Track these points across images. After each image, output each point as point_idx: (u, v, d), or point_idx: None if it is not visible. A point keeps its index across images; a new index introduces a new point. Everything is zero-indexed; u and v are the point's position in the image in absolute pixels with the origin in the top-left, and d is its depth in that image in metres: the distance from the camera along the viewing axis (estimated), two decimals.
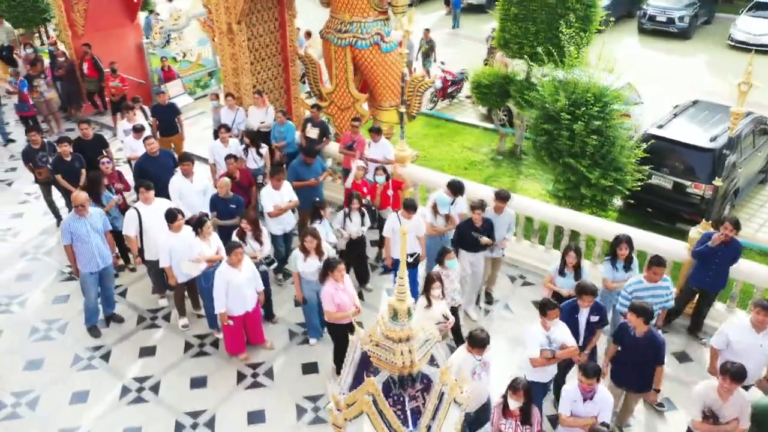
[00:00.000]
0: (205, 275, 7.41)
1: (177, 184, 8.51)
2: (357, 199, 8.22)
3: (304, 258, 7.16)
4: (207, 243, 7.39)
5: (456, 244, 7.81)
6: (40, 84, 12.82)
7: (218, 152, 9.65)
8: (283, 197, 8.44)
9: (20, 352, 7.64)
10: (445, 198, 8.18)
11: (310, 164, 9.18)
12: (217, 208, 8.26)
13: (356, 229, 8.27)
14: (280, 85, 12.24)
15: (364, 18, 10.58)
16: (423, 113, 15.90)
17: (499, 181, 12.56)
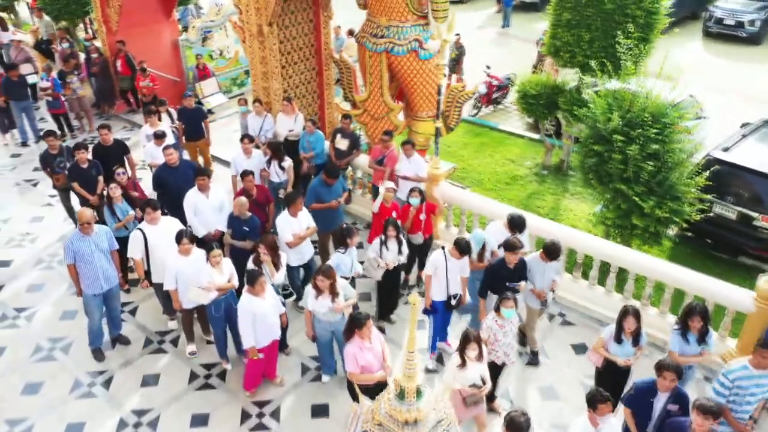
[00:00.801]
0: (215, 304, 6.89)
1: (192, 200, 8.01)
2: (393, 227, 7.48)
3: (316, 296, 6.51)
4: (218, 270, 6.85)
5: (484, 287, 7.01)
6: (73, 81, 12.58)
7: (240, 164, 9.12)
8: (301, 224, 7.78)
9: (20, 372, 7.29)
10: (480, 236, 7.34)
11: (331, 185, 8.49)
12: (233, 226, 7.74)
13: (393, 257, 7.56)
14: (313, 89, 11.63)
15: (401, 22, 9.84)
16: (465, 120, 15.10)
17: (542, 199, 11.68)
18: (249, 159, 9.10)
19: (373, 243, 7.67)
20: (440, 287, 7.03)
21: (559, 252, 6.95)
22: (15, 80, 12.02)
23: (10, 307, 8.30)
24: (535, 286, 7.07)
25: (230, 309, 6.97)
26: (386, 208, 8.20)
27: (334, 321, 6.67)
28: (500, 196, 11.81)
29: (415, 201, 8.05)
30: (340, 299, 6.56)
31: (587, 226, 10.65)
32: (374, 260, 7.52)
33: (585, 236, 8.32)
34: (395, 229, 7.51)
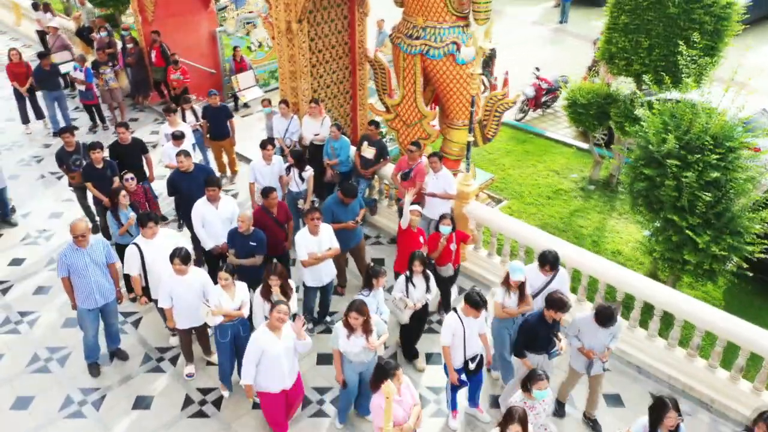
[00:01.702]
0: (221, 329, 6.34)
1: (200, 210, 7.53)
2: (420, 261, 6.71)
3: (348, 335, 5.83)
4: (229, 293, 6.29)
5: (520, 346, 6.14)
6: (106, 72, 12.33)
7: (260, 171, 8.59)
8: (321, 244, 7.14)
9: (13, 384, 7.00)
10: (520, 268, 6.44)
11: (348, 204, 7.84)
12: (235, 244, 7.19)
13: (421, 295, 6.82)
14: (345, 90, 11.01)
15: (439, 23, 9.09)
16: (510, 124, 14.22)
17: (586, 218, 10.75)
18: (269, 166, 8.56)
19: (398, 281, 6.88)
20: (457, 353, 6.12)
21: (614, 318, 5.93)
22: (46, 69, 11.86)
23: (14, 310, 8.06)
24: (583, 345, 6.14)
25: (238, 337, 6.45)
26: (412, 233, 7.45)
27: (367, 361, 6.02)
28: (540, 211, 10.96)
29: (445, 230, 7.22)
30: (373, 337, 5.91)
31: (633, 253, 9.71)
32: (400, 301, 6.74)
33: (626, 274, 7.40)
34: (422, 264, 6.72)
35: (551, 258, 6.55)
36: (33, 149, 12.01)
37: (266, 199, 7.50)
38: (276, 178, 8.64)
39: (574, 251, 7.74)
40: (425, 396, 6.92)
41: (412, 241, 7.37)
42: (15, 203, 10.16)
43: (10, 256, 9.09)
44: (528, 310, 6.47)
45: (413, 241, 7.38)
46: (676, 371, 7.08)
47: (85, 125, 12.90)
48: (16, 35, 18.75)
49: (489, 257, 8.71)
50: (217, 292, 6.23)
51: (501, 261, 8.58)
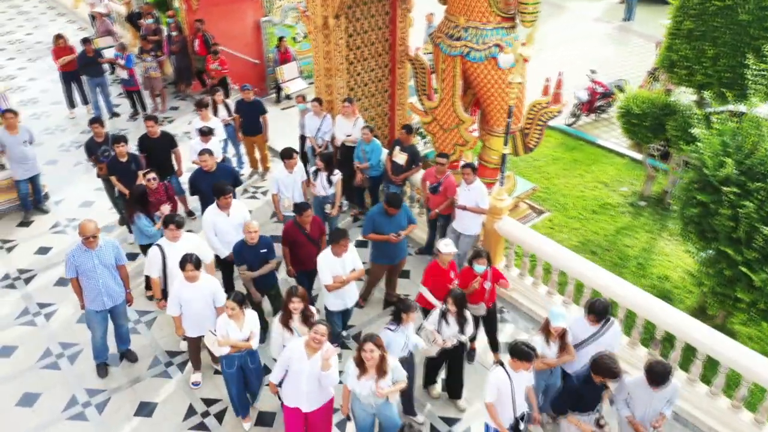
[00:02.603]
0: (227, 359, 5.94)
1: (211, 219, 7.24)
2: (455, 302, 6.02)
3: (359, 375, 5.34)
4: (237, 323, 5.85)
5: (563, 404, 5.59)
6: (148, 60, 12.29)
7: (282, 181, 8.17)
8: (345, 265, 6.69)
9: (22, 379, 6.96)
10: (559, 312, 5.78)
11: (392, 215, 7.30)
12: (245, 258, 6.77)
13: (453, 333, 6.18)
14: (384, 89, 10.57)
15: (482, 24, 8.52)
16: (559, 130, 13.49)
17: (633, 237, 10.01)
18: (291, 175, 8.20)
19: (432, 314, 6.28)
20: (505, 412, 5.47)
21: (669, 377, 5.24)
22: (90, 56, 11.90)
23: (34, 301, 8.06)
24: (633, 415, 5.47)
25: (246, 368, 6.11)
26: (441, 269, 6.71)
27: (378, 404, 5.48)
28: (583, 226, 10.28)
29: (479, 268, 6.51)
30: (386, 381, 5.33)
31: (682, 281, 8.95)
32: (430, 334, 6.17)
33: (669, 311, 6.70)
34: (455, 305, 6.05)
35: (599, 308, 5.79)
36: (74, 135, 12.10)
37: (300, 216, 7.05)
38: (299, 186, 8.28)
39: (612, 280, 7.10)
40: None
41: (442, 278, 6.64)
42: (50, 189, 10.23)
43: (37, 244, 9.12)
44: (569, 360, 5.83)
45: (443, 277, 6.65)
46: (718, 423, 6.40)
47: (127, 112, 12.93)
48: (74, 18, 19.12)
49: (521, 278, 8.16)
50: (224, 322, 5.82)
51: (532, 283, 8.01)
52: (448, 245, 6.66)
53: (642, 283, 8.95)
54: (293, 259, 7.22)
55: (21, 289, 8.25)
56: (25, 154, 9.16)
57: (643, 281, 9.03)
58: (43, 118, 12.87)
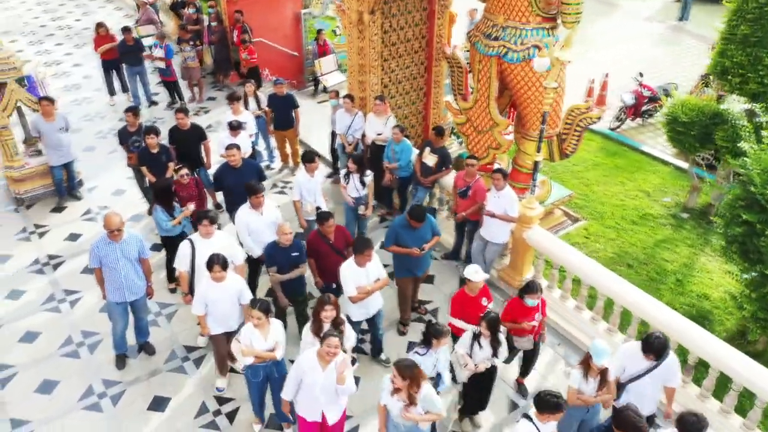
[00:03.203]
0: (253, 369, 5.76)
1: (244, 218, 7.12)
2: (488, 326, 5.67)
3: (392, 391, 5.17)
4: (262, 333, 5.64)
5: None
6: (186, 49, 12.35)
7: (305, 186, 7.96)
8: (369, 275, 6.42)
9: (43, 365, 7.03)
10: (603, 348, 5.27)
11: (416, 228, 6.98)
12: (276, 260, 6.57)
13: (485, 357, 5.84)
14: (419, 86, 10.33)
15: (522, 24, 8.20)
16: (602, 134, 13.01)
17: (673, 251, 9.56)
18: (313, 179, 7.98)
19: (465, 336, 5.91)
20: None
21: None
22: (130, 44, 12.00)
23: (60, 287, 8.16)
24: None
25: (272, 378, 5.91)
26: (471, 298, 6.24)
27: (407, 426, 5.20)
28: (620, 237, 9.86)
29: (532, 302, 6.04)
30: (416, 409, 5.05)
31: (723, 301, 8.48)
32: (462, 358, 5.85)
33: (705, 337, 6.26)
34: (490, 330, 5.70)
35: (657, 346, 5.28)
36: (112, 122, 12.25)
37: (322, 225, 6.78)
38: (319, 190, 8.09)
39: (642, 298, 6.73)
40: None
41: (473, 307, 6.19)
42: (85, 176, 10.36)
43: (68, 230, 9.25)
44: (608, 399, 5.41)
45: (474, 306, 6.20)
46: None
47: (165, 101, 13.03)
48: (121, 5, 19.41)
49: (563, 300, 7.71)
50: (249, 331, 5.62)
51: (575, 307, 7.54)
52: (477, 272, 6.16)
53: (679, 301, 8.53)
54: (319, 270, 6.94)
55: (49, 275, 8.38)
56: (61, 141, 9.28)
57: (680, 299, 8.60)
58: (84, 104, 13.09)
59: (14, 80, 9.03)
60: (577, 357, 7.28)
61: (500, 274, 8.27)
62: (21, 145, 9.88)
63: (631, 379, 5.48)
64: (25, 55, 15.43)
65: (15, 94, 9.00)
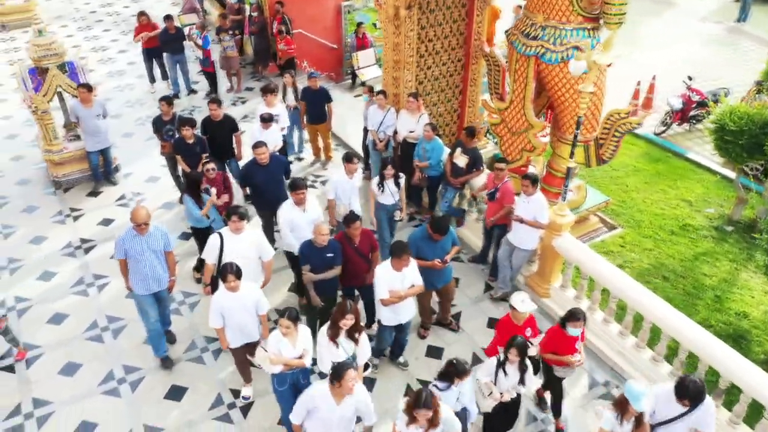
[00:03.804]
0: (279, 377, 5.69)
1: (287, 216, 7.02)
2: (518, 351, 5.40)
3: (407, 421, 4.91)
4: (290, 340, 5.52)
5: None
6: (225, 39, 12.42)
7: (342, 186, 7.76)
8: (405, 280, 6.24)
9: (68, 348, 7.19)
10: (640, 391, 4.94)
11: (437, 241, 6.76)
12: (311, 259, 6.47)
13: (510, 386, 5.55)
14: (455, 84, 10.13)
15: (562, 24, 7.93)
16: (646, 138, 12.56)
17: (714, 265, 9.15)
18: (351, 180, 7.79)
19: (488, 363, 5.65)
20: None
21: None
22: (171, 33, 12.14)
23: (90, 271, 8.33)
24: None
25: (298, 384, 5.81)
26: (515, 326, 5.91)
27: None
28: (658, 247, 9.49)
29: (575, 331, 5.70)
30: None
31: (764, 322, 8.08)
32: (485, 386, 5.56)
33: (738, 362, 5.95)
34: (520, 355, 5.41)
35: (693, 392, 4.90)
36: (152, 109, 12.41)
37: (348, 227, 6.61)
38: (356, 192, 7.89)
39: (673, 314, 6.42)
40: None
41: (516, 332, 5.82)
42: (121, 162, 10.55)
43: (102, 215, 9.44)
44: None
45: (518, 332, 5.84)
46: None
47: (204, 89, 13.16)
48: None
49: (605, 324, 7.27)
50: (277, 339, 5.49)
51: (619, 332, 7.13)
52: (524, 302, 5.80)
53: (716, 318, 8.16)
54: (341, 273, 6.79)
55: (80, 258, 8.56)
56: (98, 127, 9.45)
57: (717, 316, 8.22)
58: (126, 90, 13.34)
59: (55, 66, 9.22)
60: (602, 372, 7.06)
61: (527, 281, 8.06)
62: (61, 129, 10.11)
63: (661, 423, 5.16)
64: (74, 41, 15.87)
65: (56, 80, 9.20)
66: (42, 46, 9.15)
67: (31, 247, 8.76)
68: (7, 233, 9.05)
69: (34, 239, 8.92)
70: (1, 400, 6.57)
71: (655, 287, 8.60)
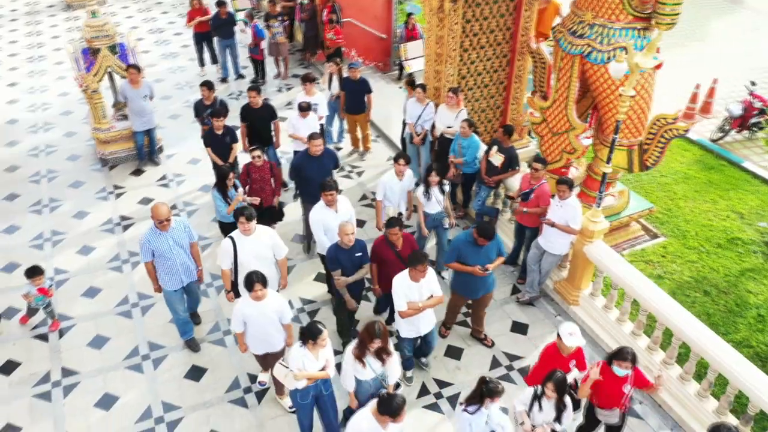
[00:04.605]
0: (303, 392, 5.55)
1: (319, 216, 6.94)
2: (555, 387, 5.06)
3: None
4: (314, 353, 5.37)
5: None
6: (274, 25, 12.52)
7: (390, 187, 7.59)
8: (422, 291, 6.04)
9: (98, 321, 7.46)
10: None
11: (482, 246, 6.44)
12: (340, 263, 6.38)
13: (546, 421, 5.24)
14: (500, 80, 9.90)
15: (610, 22, 7.61)
16: (701, 145, 12.00)
17: (761, 282, 8.69)
18: (401, 182, 7.66)
19: (525, 392, 5.43)
20: None
21: None
22: (222, 18, 12.33)
23: (126, 248, 8.60)
24: None
25: (321, 396, 5.73)
26: (560, 357, 5.55)
27: None
28: (701, 260, 9.07)
29: (621, 372, 5.28)
30: None
31: None
32: (519, 415, 5.35)
33: None
34: (556, 392, 5.08)
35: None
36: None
37: (388, 231, 6.46)
38: (405, 195, 7.76)
39: (705, 334, 6.11)
40: None
41: (561, 367, 5.43)
42: (166, 143, 10.82)
43: (142, 194, 9.71)
44: None
45: (560, 366, 5.47)
46: None
47: (250, 75, 13.33)
48: None
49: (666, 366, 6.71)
50: (300, 354, 5.34)
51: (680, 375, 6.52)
52: (573, 335, 5.41)
53: (757, 339, 7.75)
54: (380, 278, 6.72)
55: (118, 235, 8.85)
56: (143, 108, 9.70)
57: (759, 336, 7.80)
58: (177, 72, 13.66)
59: (107, 47, 9.50)
60: None
61: (556, 286, 7.84)
62: (110, 109, 10.44)
63: None
64: (133, 22, 16.35)
65: (106, 60, 9.49)
66: (94, 27, 9.44)
67: (74, 222, 9.11)
68: (53, 206, 9.43)
69: (77, 214, 9.27)
70: (33, 367, 6.88)
71: (694, 301, 8.24)
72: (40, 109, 12.28)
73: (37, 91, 12.97)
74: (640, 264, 8.87)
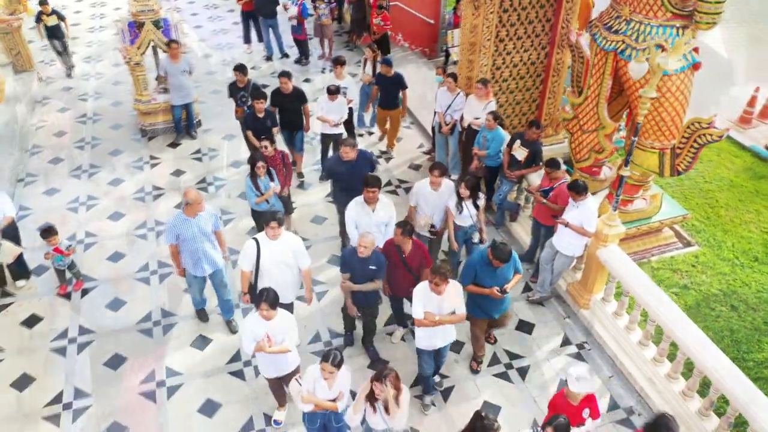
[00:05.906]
0: (310, 416, 5.44)
1: (353, 213, 6.82)
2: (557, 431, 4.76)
3: None
4: (329, 383, 5.15)
5: None
6: (321, 7, 12.59)
7: (423, 196, 7.27)
8: (443, 306, 5.79)
9: (117, 283, 7.79)
10: None
11: (497, 268, 6.08)
12: (352, 268, 6.23)
13: None
14: (537, 72, 9.66)
15: (647, 18, 7.29)
16: (753, 152, 11.37)
17: None
18: (436, 192, 7.24)
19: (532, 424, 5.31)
20: None
21: None
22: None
23: (153, 218, 8.91)
24: None
25: (329, 427, 5.57)
26: (569, 406, 5.18)
27: None
28: (734, 273, 8.65)
29: None
30: None
31: None
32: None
33: None
34: None
35: None
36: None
37: (395, 231, 6.31)
38: (443, 207, 7.32)
39: (716, 357, 5.82)
40: None
41: (572, 417, 5.08)
42: (204, 117, 11.11)
43: (175, 166, 10.03)
44: None
45: (574, 417, 5.12)
46: None
47: (295, 55, 13.46)
48: None
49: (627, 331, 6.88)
50: (314, 377, 5.15)
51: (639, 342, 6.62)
52: (581, 380, 5.04)
53: None
54: (387, 278, 6.56)
55: (148, 204, 9.19)
56: (182, 82, 9.99)
57: None
58: (225, 49, 13.95)
59: (151, 21, 9.81)
60: (628, 397, 6.61)
61: (569, 288, 7.66)
62: (153, 82, 10.79)
63: None
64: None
65: (149, 34, 9.80)
66: (140, 1, 9.76)
67: (109, 188, 9.52)
68: (92, 172, 9.88)
69: (113, 181, 9.69)
70: (54, 323, 7.28)
71: (718, 315, 7.88)
72: (93, 77, 12.82)
73: (93, 61, 13.54)
74: (666, 272, 8.54)
